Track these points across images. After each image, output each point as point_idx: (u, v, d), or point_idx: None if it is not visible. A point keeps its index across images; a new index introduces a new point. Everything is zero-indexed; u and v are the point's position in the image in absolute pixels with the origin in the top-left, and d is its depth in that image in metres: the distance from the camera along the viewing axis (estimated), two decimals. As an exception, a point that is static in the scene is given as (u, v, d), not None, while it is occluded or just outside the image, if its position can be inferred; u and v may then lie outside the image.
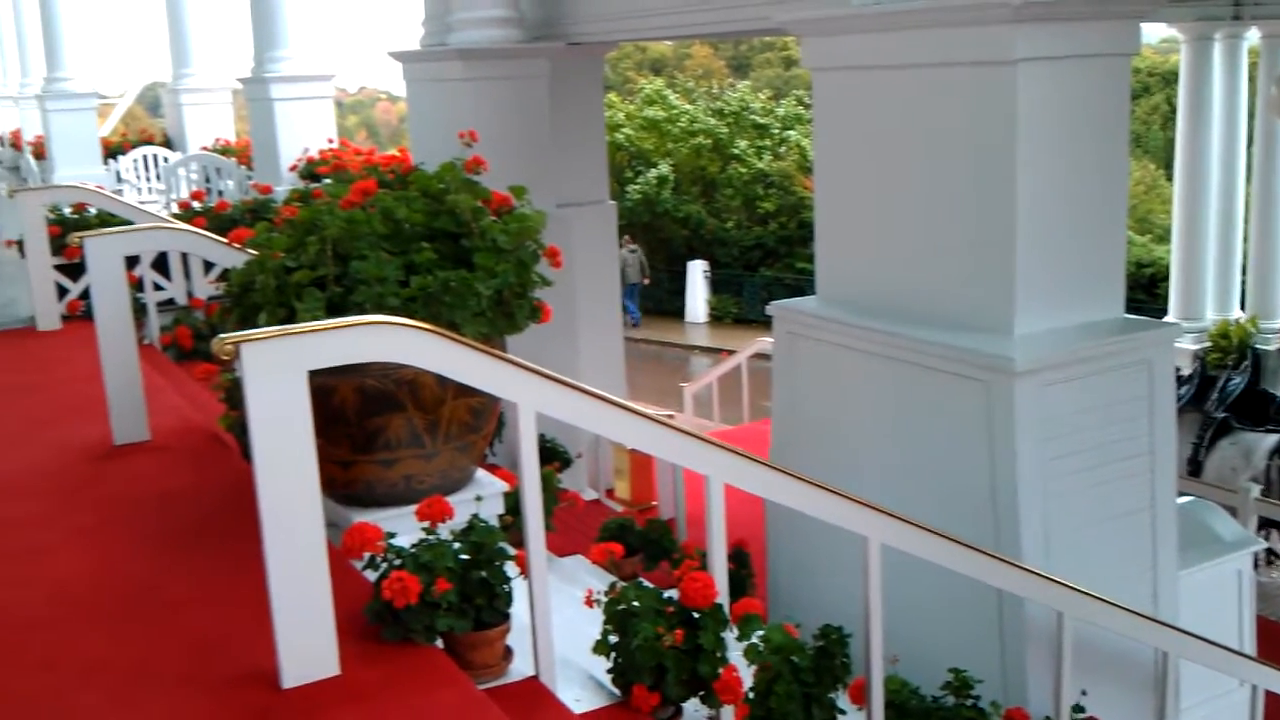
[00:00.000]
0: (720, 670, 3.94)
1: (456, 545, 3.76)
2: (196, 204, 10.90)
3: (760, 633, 4.27)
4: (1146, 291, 25.88)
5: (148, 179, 16.79)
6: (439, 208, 4.73)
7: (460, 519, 3.93)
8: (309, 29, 12.66)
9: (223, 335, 3.10)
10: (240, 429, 5.63)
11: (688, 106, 37.97)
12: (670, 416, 7.44)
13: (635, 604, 4.05)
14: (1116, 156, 5.75)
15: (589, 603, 4.19)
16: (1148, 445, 5.73)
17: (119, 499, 5.18)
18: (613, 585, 4.25)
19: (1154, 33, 27.35)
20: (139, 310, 8.16)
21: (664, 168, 35.64)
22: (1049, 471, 5.45)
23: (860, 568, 4.37)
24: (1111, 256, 5.82)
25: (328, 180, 11.76)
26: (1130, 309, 6.01)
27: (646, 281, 30.10)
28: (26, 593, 4.28)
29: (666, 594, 4.18)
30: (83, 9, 17.65)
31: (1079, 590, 5.06)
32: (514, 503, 4.94)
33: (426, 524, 3.84)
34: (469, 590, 3.69)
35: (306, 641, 3.35)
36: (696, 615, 4.00)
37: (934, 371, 5.65)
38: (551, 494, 5.72)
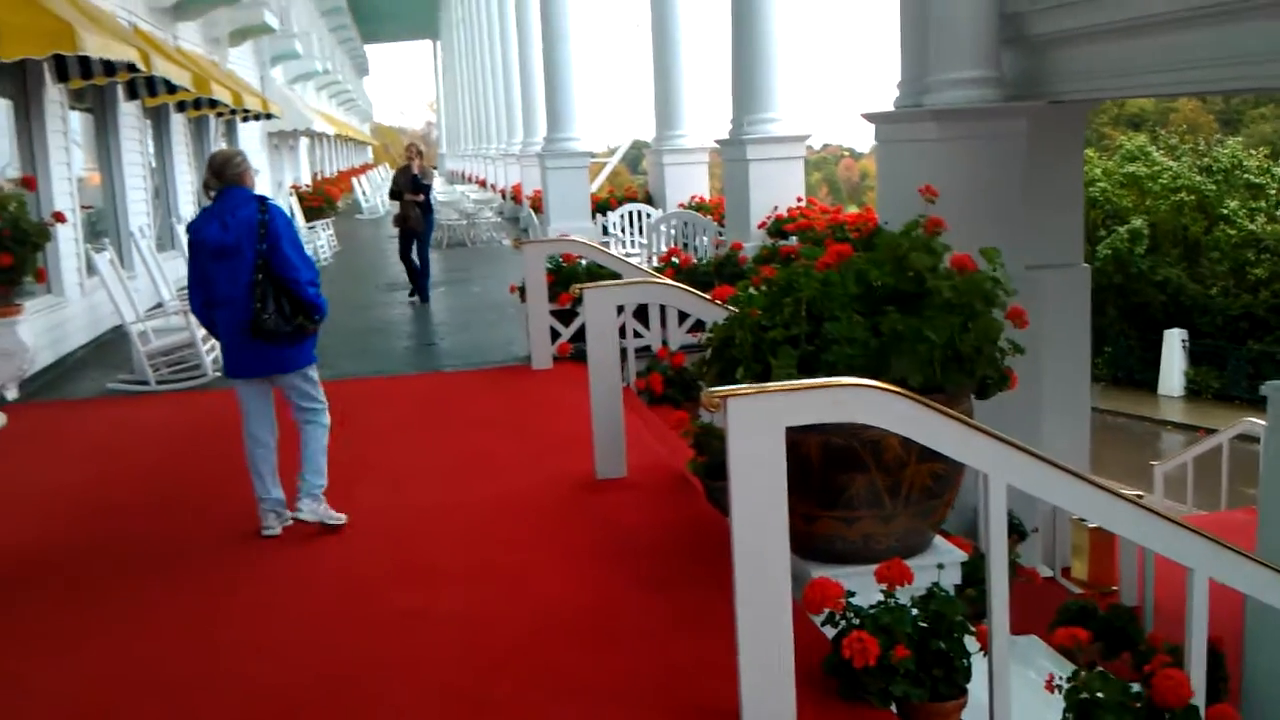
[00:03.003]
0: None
1: (915, 612, 3.75)
2: (676, 259, 11.58)
3: (1237, 743, 3.91)
4: None
5: (631, 233, 18.06)
6: (906, 271, 4.76)
7: (918, 585, 3.92)
8: (786, 92, 13.09)
9: (711, 389, 3.30)
10: (706, 473, 5.93)
11: (1171, 163, 35.57)
12: (1139, 496, 6.97)
13: (1099, 695, 3.84)
14: None
15: (1049, 687, 4.02)
16: None
17: (600, 529, 5.61)
18: (1076, 673, 4.05)
19: None
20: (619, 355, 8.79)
21: (1137, 221, 33.52)
22: None
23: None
24: None
25: (793, 237, 12.19)
26: None
27: None
28: (515, 609, 4.74)
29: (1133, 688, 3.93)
30: (580, 75, 19.30)
31: None
32: (971, 573, 4.84)
33: (885, 586, 3.85)
34: (927, 659, 3.66)
35: (767, 689, 3.46)
36: (1166, 715, 3.73)
37: None
38: (1011, 569, 5.54)
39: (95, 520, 6.36)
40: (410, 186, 14.19)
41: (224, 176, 5.72)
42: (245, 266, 5.56)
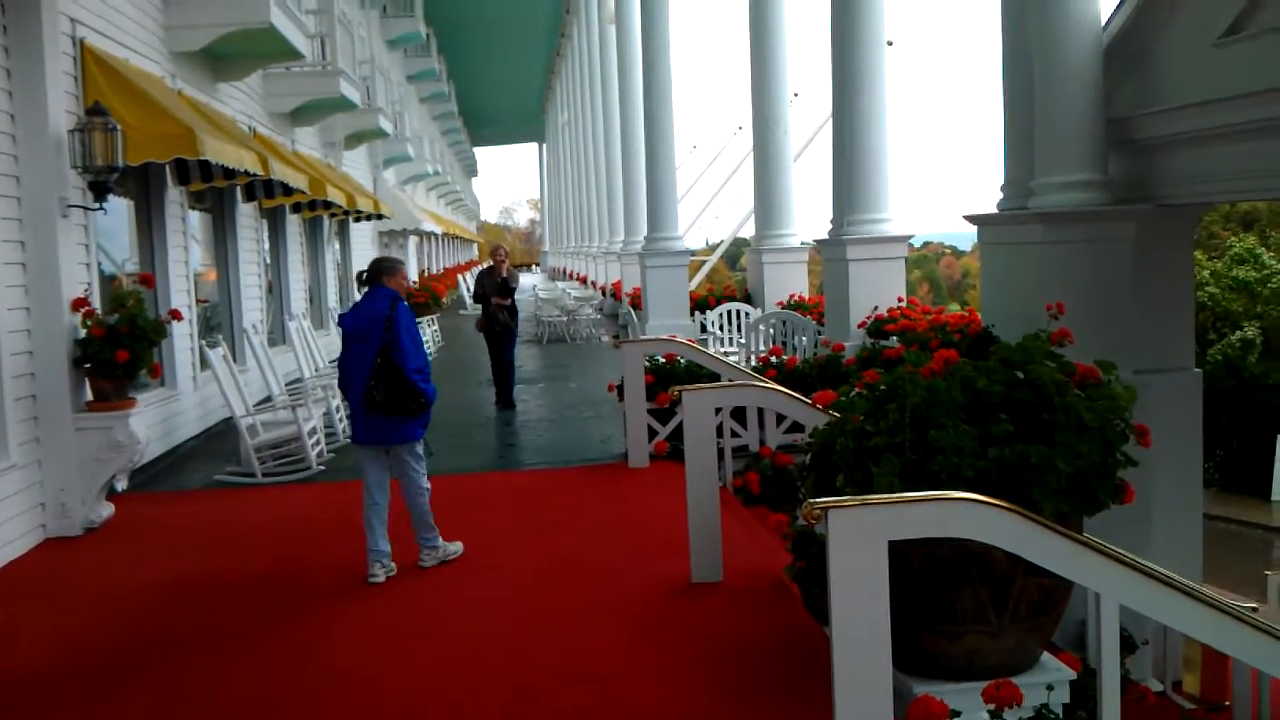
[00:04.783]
0: None
1: (1024, 734, 3.61)
2: (774, 359, 11.54)
3: None
4: None
5: (729, 331, 18.08)
6: (1019, 379, 4.67)
7: (1025, 705, 3.77)
8: (890, 193, 13.07)
9: (811, 500, 3.26)
10: (804, 579, 5.82)
11: (1281, 266, 34.75)
12: (1253, 609, 6.66)
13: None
14: None
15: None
16: None
17: (695, 636, 5.53)
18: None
19: None
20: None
21: (1250, 330, 32.64)
22: None
23: None
24: None
25: (894, 338, 12.07)
26: None
27: None
28: (608, 716, 4.67)
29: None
30: (682, 173, 19.59)
31: None
32: (1080, 690, 4.65)
33: (992, 707, 3.72)
34: (1036, 785, 3.52)
35: (869, 812, 3.35)
36: None
37: None
38: (1122, 688, 5.32)
39: (194, 606, 6.48)
40: (498, 290, 13.91)
41: (373, 276, 7.05)
42: (370, 351, 6.72)
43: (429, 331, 21.38)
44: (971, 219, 10.58)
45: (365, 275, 7.14)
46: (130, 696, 5.19)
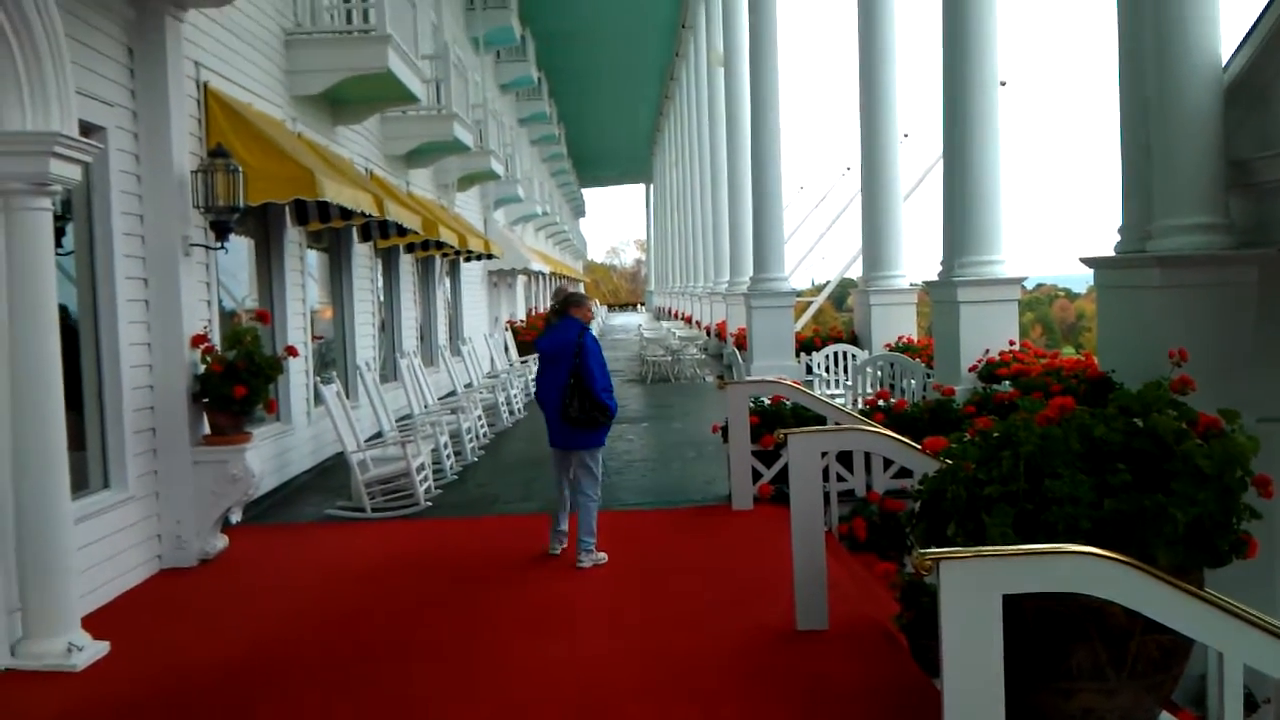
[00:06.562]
0: None
1: (1144, 799, 3.46)
2: (883, 402, 11.37)
3: None
4: None
5: (835, 373, 17.90)
6: (1138, 428, 4.53)
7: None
8: (1001, 235, 12.81)
9: (922, 551, 3.19)
10: (913, 629, 5.70)
11: None
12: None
13: None
14: None
15: None
16: None
17: (798, 685, 5.44)
18: None
19: None
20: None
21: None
22: None
23: None
24: None
25: (1007, 382, 11.82)
26: None
27: None
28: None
29: None
30: (788, 213, 19.49)
31: None
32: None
33: (1111, 769, 3.58)
34: None
35: None
36: None
37: None
38: (1249, 752, 5.08)
39: (306, 636, 6.58)
40: None
41: (562, 308, 8.33)
42: (563, 372, 8.02)
43: (534, 370, 21.53)
44: (1088, 261, 10.34)
45: (555, 306, 8.43)
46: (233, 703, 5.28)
